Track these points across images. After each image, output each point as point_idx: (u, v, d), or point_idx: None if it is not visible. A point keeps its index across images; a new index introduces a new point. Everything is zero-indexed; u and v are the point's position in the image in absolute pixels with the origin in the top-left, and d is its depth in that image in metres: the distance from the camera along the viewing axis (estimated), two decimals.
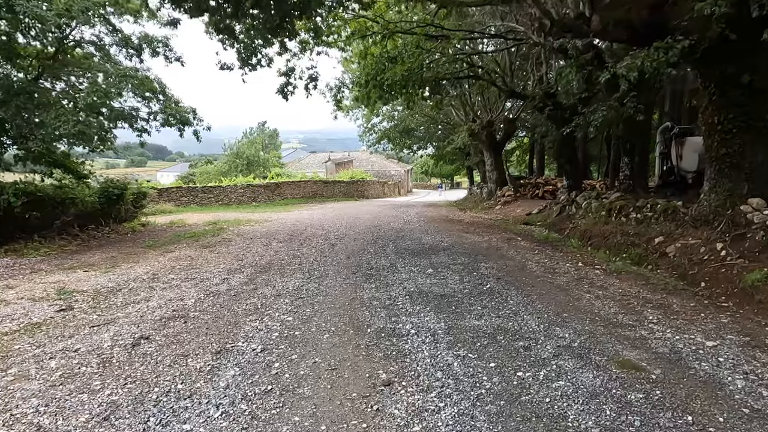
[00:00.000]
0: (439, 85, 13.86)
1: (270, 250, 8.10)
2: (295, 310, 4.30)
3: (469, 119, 20.38)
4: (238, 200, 25.55)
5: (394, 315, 4.12)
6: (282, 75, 10.47)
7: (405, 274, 5.86)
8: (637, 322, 3.86)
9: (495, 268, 6.14)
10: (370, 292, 4.98)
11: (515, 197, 19.36)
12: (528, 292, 4.85)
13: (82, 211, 10.72)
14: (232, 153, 49.42)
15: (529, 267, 6.29)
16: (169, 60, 9.91)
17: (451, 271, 5.97)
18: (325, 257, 7.27)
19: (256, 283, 5.48)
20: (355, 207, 21.27)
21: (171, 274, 6.09)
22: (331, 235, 10.06)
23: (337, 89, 13.42)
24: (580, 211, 11.58)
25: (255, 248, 8.32)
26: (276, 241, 9.16)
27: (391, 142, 27.99)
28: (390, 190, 43.04)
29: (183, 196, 23.62)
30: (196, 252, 8.06)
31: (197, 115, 10.74)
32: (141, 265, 6.95)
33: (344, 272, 6.09)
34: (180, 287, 5.33)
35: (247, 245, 8.73)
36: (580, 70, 9.26)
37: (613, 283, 5.33)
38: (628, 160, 10.12)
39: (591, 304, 4.39)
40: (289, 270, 6.30)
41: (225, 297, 4.84)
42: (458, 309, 4.28)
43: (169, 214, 18.49)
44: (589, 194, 11.70)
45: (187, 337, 3.59)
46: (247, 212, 19.14)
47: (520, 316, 4.04)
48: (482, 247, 8.21)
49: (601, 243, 8.74)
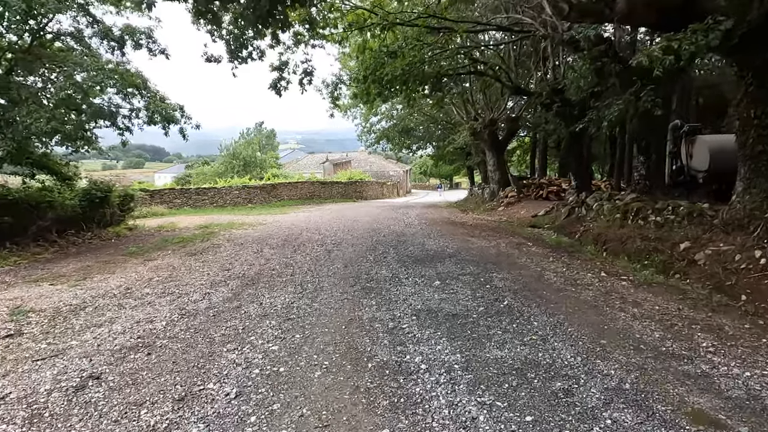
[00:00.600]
0: (441, 81, 13.22)
1: (261, 257, 7.43)
2: (283, 336, 3.64)
3: (470, 118, 19.74)
4: (234, 202, 24.88)
5: (400, 342, 3.47)
6: (275, 69, 9.79)
7: (409, 287, 5.20)
8: (691, 351, 3.22)
9: (510, 280, 5.49)
10: (370, 310, 4.32)
11: (518, 198, 18.73)
12: (553, 310, 4.20)
13: (62, 216, 10.04)
14: (228, 154, 48.68)
15: (547, 277, 5.64)
16: (153, 53, 9.22)
17: (460, 283, 5.32)
18: (321, 266, 6.61)
19: (241, 300, 4.82)
20: (354, 209, 20.61)
21: (146, 288, 5.42)
22: (327, 240, 9.40)
23: (334, 86, 12.76)
24: (590, 213, 10.96)
25: (244, 256, 7.65)
26: (268, 248, 8.50)
27: (390, 142, 27.32)
28: (389, 191, 42.39)
29: (176, 197, 22.92)
30: (180, 260, 7.39)
31: (185, 113, 10.07)
32: (116, 276, 6.28)
33: (341, 285, 5.43)
34: (153, 305, 4.66)
35: (237, 252, 8.06)
36: (594, 62, 8.64)
37: (646, 297, 4.68)
38: (643, 158, 9.49)
39: (629, 327, 3.75)
40: (280, 282, 5.64)
41: (202, 318, 4.17)
42: (475, 333, 3.62)
43: (161, 217, 17.80)
44: (600, 195, 11.09)
45: (147, 376, 2.93)
46: (242, 214, 18.46)
47: (550, 343, 3.39)
48: (491, 253, 7.56)
49: (618, 248, 8.11)
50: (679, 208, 7.80)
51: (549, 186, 19.10)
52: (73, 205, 10.34)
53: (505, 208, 17.84)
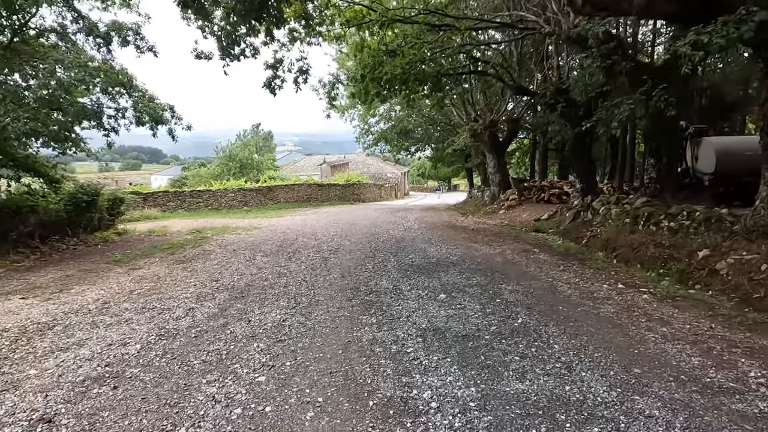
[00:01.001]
0: (441, 81, 12.83)
1: (252, 266, 6.99)
2: (271, 363, 3.20)
3: (470, 119, 19.35)
4: (229, 205, 24.40)
5: (405, 371, 3.04)
6: (269, 67, 9.37)
7: (412, 301, 4.77)
8: (739, 384, 2.80)
9: (521, 292, 5.07)
10: (370, 330, 3.89)
11: (520, 201, 18.34)
12: (573, 330, 3.78)
13: (45, 221, 9.57)
14: (224, 156, 48.16)
15: (561, 290, 5.22)
16: (141, 50, 8.78)
17: (468, 297, 4.89)
18: (317, 276, 6.18)
19: (228, 316, 4.37)
20: (351, 211, 20.18)
21: (126, 303, 4.97)
22: (324, 246, 8.96)
23: (331, 86, 12.35)
24: (597, 217, 10.57)
25: (236, 264, 7.21)
26: (261, 255, 8.06)
27: (389, 144, 26.92)
28: (387, 193, 41.97)
29: (170, 200, 22.42)
30: (167, 269, 6.94)
31: (175, 113, 9.62)
32: (96, 288, 5.83)
33: (338, 298, 5.00)
34: (130, 323, 4.21)
35: (228, 260, 7.61)
36: (603, 60, 8.26)
37: (672, 314, 4.27)
38: (654, 161, 9.11)
39: (662, 351, 3.33)
40: (272, 295, 5.20)
41: (182, 340, 3.73)
42: (489, 360, 3.20)
43: (154, 221, 17.33)
44: (607, 199, 10.71)
45: (108, 419, 2.48)
46: (237, 218, 18.00)
47: (577, 372, 2.97)
48: (497, 261, 7.15)
49: (629, 255, 7.72)
50: (694, 214, 7.41)
51: (551, 189, 18.71)
52: (57, 210, 9.88)
53: (506, 212, 17.45)
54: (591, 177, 12.38)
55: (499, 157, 19.72)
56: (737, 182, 10.10)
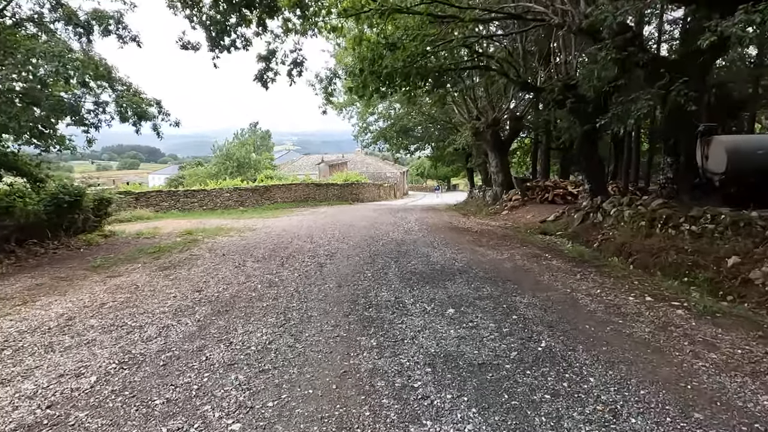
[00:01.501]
0: (443, 77, 12.27)
1: (241, 274, 6.42)
2: (250, 404, 2.64)
3: (472, 117, 18.80)
4: (225, 205, 23.80)
5: (413, 416, 2.48)
6: (261, 59, 8.79)
7: (418, 318, 4.22)
8: None
9: (538, 306, 4.51)
10: (370, 356, 3.33)
11: (523, 201, 17.81)
12: (608, 357, 3.22)
13: (23, 223, 8.99)
14: (221, 155, 47.54)
15: (583, 303, 4.67)
16: (124, 40, 8.20)
17: (480, 312, 4.34)
18: (310, 286, 5.62)
19: (206, 337, 3.81)
20: (350, 212, 19.62)
21: (93, 319, 4.40)
22: (320, 250, 8.40)
23: (328, 80, 11.78)
24: (608, 219, 10.04)
25: (224, 271, 6.64)
26: (252, 260, 7.49)
27: (388, 143, 26.33)
28: (386, 193, 41.42)
29: (164, 200, 21.80)
30: (148, 277, 6.37)
31: (163, 109, 9.03)
32: (65, 299, 5.26)
33: (334, 313, 4.44)
34: (92, 346, 3.64)
35: (216, 266, 7.04)
36: (620, 52, 7.71)
37: (716, 334, 3.72)
38: (670, 160, 8.56)
39: (720, 387, 2.78)
40: (259, 309, 4.63)
41: (148, 369, 3.16)
42: (514, 399, 2.64)
43: (146, 221, 16.75)
44: (619, 200, 10.17)
45: None
46: (232, 218, 17.43)
47: (624, 419, 2.41)
48: (506, 268, 6.59)
49: (648, 261, 7.19)
50: (720, 217, 6.87)
51: (555, 189, 18.18)
52: (36, 211, 9.29)
53: (509, 212, 16.93)
54: (600, 177, 11.84)
55: (502, 157, 19.18)
56: (749, 182, 9.65)
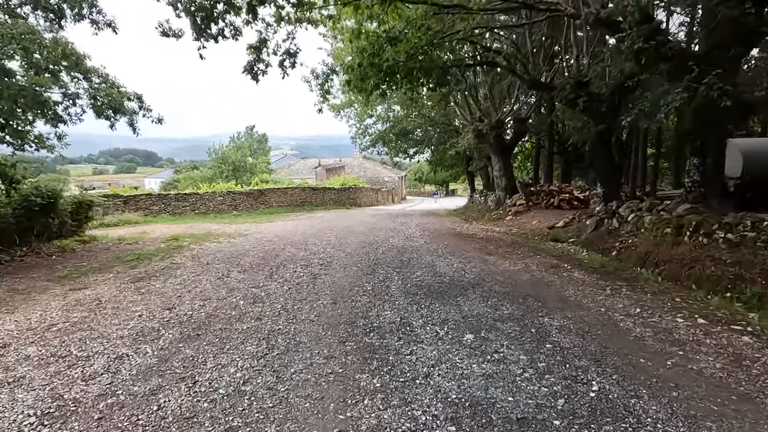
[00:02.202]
0: (447, 74, 11.56)
1: (223, 286, 5.63)
2: None
3: (475, 119, 18.11)
4: (217, 209, 23.00)
5: None
6: (252, 50, 8.04)
7: (430, 346, 3.44)
8: None
9: (573, 331, 3.75)
10: (373, 405, 2.55)
11: (527, 207, 17.10)
12: (686, 408, 2.46)
13: None
14: (217, 158, 46.73)
15: (625, 326, 3.91)
16: (98, 26, 7.45)
17: (504, 338, 3.57)
18: (301, 302, 4.83)
19: (166, 373, 3.02)
20: (347, 217, 18.85)
21: (33, 345, 3.60)
22: (314, 258, 7.63)
23: (325, 77, 11.06)
24: (625, 226, 9.32)
25: (203, 283, 5.85)
26: (238, 270, 6.70)
27: (387, 146, 25.60)
28: (384, 198, 40.70)
29: (153, 204, 20.97)
30: (116, 290, 5.57)
31: (144, 104, 8.26)
32: (11, 318, 4.44)
33: (327, 339, 3.66)
34: (15, 388, 2.84)
35: (196, 277, 6.25)
36: (647, 41, 7.01)
37: None
38: (697, 161, 7.84)
39: None
40: (238, 333, 3.85)
41: (75, 428, 2.37)
42: None
43: (134, 226, 15.93)
44: (636, 205, 9.46)
45: None
46: (224, 223, 16.65)
47: None
48: (524, 280, 5.84)
49: (678, 273, 6.46)
50: (762, 224, 6.16)
51: (560, 193, 17.48)
52: (3, 215, 8.48)
53: (513, 218, 16.21)
54: (614, 180, 11.13)
55: (505, 160, 18.49)
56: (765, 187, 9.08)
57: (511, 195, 17.91)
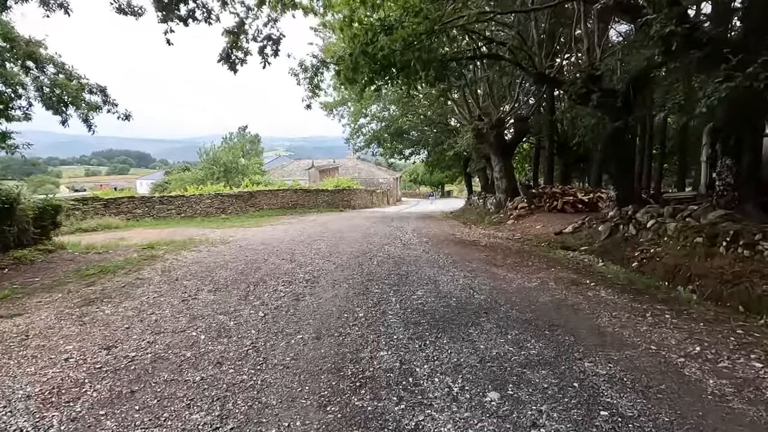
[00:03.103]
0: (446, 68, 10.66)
1: (186, 313, 4.67)
2: None
3: (474, 117, 17.23)
4: (205, 212, 21.95)
5: None
6: (229, 35, 7.08)
7: (441, 414, 2.51)
8: None
9: (629, 386, 2.84)
10: None
11: (530, 210, 16.23)
12: None
13: None
14: (208, 159, 45.57)
15: (694, 377, 3.00)
16: (49, 6, 6.46)
17: (540, 398, 2.65)
18: (277, 336, 3.89)
19: None
20: (340, 220, 17.90)
21: None
22: (300, 272, 6.68)
23: (315, 70, 10.11)
24: (645, 233, 8.48)
25: (164, 307, 4.88)
26: (209, 288, 5.74)
27: (381, 146, 24.65)
28: (378, 200, 39.78)
29: (136, 207, 19.83)
30: (54, 319, 4.58)
31: (108, 98, 7.28)
32: None
33: (303, 400, 2.72)
34: None
35: (157, 299, 5.27)
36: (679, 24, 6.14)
37: None
38: (730, 162, 6.99)
39: None
40: (186, 389, 2.90)
41: None
42: None
43: (113, 231, 14.88)
44: (657, 210, 8.62)
45: None
46: (210, 227, 15.64)
47: None
48: (545, 303, 4.93)
49: (719, 291, 5.63)
50: None
51: (563, 196, 16.63)
52: None
53: (515, 222, 15.34)
54: (628, 183, 10.28)
55: (506, 161, 17.62)
56: None
57: (512, 197, 17.06)
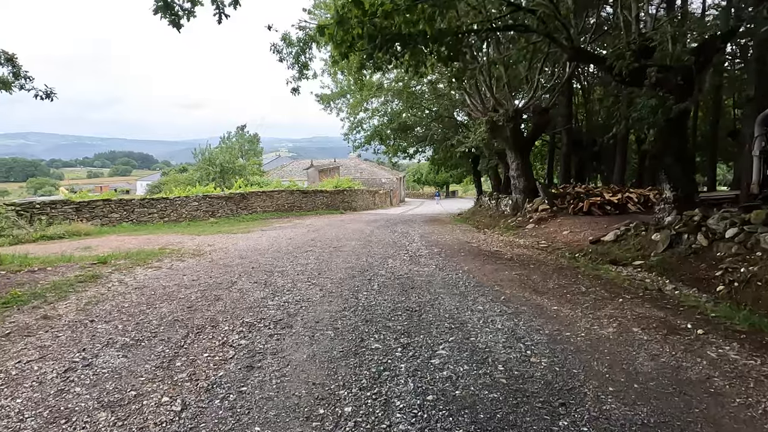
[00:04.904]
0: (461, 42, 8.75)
1: (44, 404, 2.79)
2: None
3: (488, 108, 15.28)
4: (191, 215, 20.10)
5: None
6: None
7: None
8: None
9: None
10: None
11: (552, 213, 14.26)
12: None
13: None
14: (204, 159, 43.84)
15: None
16: None
17: None
18: None
19: None
20: (339, 225, 16.02)
21: None
22: (271, 306, 4.78)
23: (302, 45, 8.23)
24: (725, 246, 6.55)
25: (23, 390, 3.00)
26: (122, 343, 3.84)
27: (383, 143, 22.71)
28: (381, 200, 37.90)
29: (113, 211, 17.95)
30: None
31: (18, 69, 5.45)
32: None
33: None
34: None
35: (25, 368, 3.40)
36: None
37: None
38: None
39: None
40: None
41: None
42: None
43: (82, 238, 13.01)
44: (740, 216, 6.68)
45: None
46: (191, 234, 13.80)
47: None
48: (648, 374, 3.01)
49: None
50: None
51: (589, 197, 14.70)
52: None
53: (536, 226, 13.38)
54: (690, 180, 8.34)
55: (524, 157, 15.66)
56: None
57: (531, 198, 15.11)
